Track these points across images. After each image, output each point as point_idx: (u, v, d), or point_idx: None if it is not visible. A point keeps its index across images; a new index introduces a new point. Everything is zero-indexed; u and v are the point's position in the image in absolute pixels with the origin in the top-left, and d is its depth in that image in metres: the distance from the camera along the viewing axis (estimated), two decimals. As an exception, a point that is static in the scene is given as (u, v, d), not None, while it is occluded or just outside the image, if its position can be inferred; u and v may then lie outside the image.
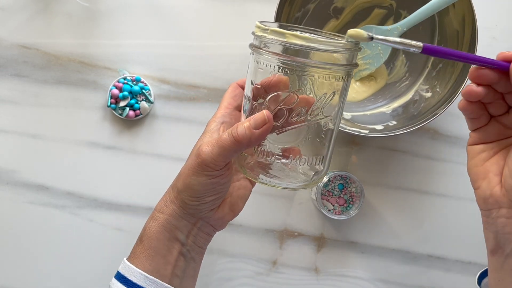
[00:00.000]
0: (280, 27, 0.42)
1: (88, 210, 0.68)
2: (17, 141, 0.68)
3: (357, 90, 0.70)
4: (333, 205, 0.67)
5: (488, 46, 0.70)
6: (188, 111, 0.68)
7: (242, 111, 0.47)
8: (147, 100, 0.67)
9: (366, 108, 0.69)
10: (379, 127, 0.65)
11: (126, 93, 0.65)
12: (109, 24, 0.68)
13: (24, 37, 0.68)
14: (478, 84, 0.40)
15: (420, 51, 0.38)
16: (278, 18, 0.61)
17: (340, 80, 0.43)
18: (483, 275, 0.52)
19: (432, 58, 0.67)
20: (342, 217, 0.66)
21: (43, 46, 0.68)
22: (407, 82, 0.69)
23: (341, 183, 0.67)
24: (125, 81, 0.66)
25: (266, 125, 0.42)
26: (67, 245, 0.68)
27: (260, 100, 0.44)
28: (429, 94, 0.66)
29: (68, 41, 0.68)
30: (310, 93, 0.43)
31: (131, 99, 0.66)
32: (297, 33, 0.41)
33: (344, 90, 0.44)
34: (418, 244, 0.70)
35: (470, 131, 0.44)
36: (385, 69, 0.70)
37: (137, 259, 0.48)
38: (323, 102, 0.42)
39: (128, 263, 0.48)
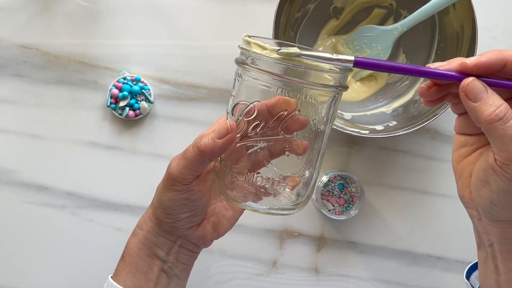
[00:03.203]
0: (278, 44, 0.40)
1: (88, 210, 0.68)
2: (17, 141, 0.68)
3: (357, 90, 0.70)
4: (333, 205, 0.67)
5: (488, 46, 0.70)
6: (188, 111, 0.68)
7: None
8: (147, 100, 0.67)
9: (366, 108, 0.69)
10: (379, 127, 0.65)
11: (126, 93, 0.65)
12: (109, 24, 0.68)
13: (24, 37, 0.68)
14: (434, 84, 0.39)
15: (351, 65, 0.37)
16: (278, 18, 0.61)
17: (323, 101, 0.41)
18: (472, 269, 0.52)
19: (433, 57, 0.67)
20: (342, 217, 0.66)
21: (43, 46, 0.68)
22: (407, 82, 0.69)
23: (341, 183, 0.67)
24: (125, 81, 0.66)
25: (229, 135, 0.40)
26: (67, 245, 0.68)
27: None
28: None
29: (68, 41, 0.68)
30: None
31: (131, 99, 0.66)
32: (267, 45, 0.39)
33: (328, 111, 0.42)
34: (418, 244, 0.70)
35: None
36: (385, 69, 0.70)
37: (119, 275, 0.48)
38: (280, 120, 0.40)
39: (111, 280, 0.48)
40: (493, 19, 0.70)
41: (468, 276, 0.51)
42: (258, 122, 0.41)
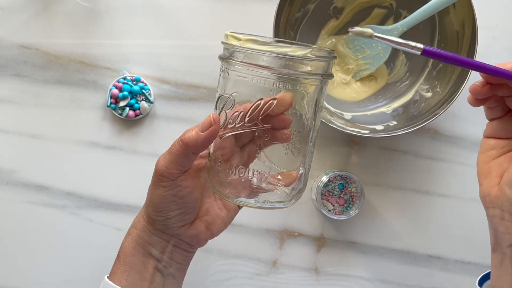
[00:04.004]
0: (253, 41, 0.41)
1: (88, 210, 0.68)
2: (17, 141, 0.68)
3: (357, 90, 0.70)
4: (333, 205, 0.67)
5: (488, 46, 0.70)
6: (188, 111, 0.68)
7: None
8: (147, 100, 0.67)
9: (366, 108, 0.69)
10: (379, 127, 0.65)
11: (126, 93, 0.65)
12: (109, 24, 0.68)
13: (24, 37, 0.68)
14: (487, 83, 0.40)
15: (420, 52, 0.38)
16: (278, 18, 0.61)
17: (307, 90, 0.41)
18: (485, 278, 0.52)
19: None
20: (342, 217, 0.66)
21: (43, 46, 0.68)
22: (407, 82, 0.69)
23: (341, 183, 0.67)
24: (125, 81, 0.66)
25: (212, 127, 0.41)
26: (67, 245, 0.68)
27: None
28: (429, 94, 0.66)
29: (68, 41, 0.68)
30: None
31: (131, 99, 0.66)
32: (254, 37, 0.40)
33: (316, 100, 0.42)
34: (418, 244, 0.70)
35: (487, 121, 0.44)
36: (385, 69, 0.70)
37: (114, 275, 0.48)
38: (257, 110, 0.40)
39: (107, 280, 0.48)
40: (493, 19, 0.70)
41: (480, 284, 0.52)
42: (237, 112, 0.41)
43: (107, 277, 0.49)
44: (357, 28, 0.39)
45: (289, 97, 0.41)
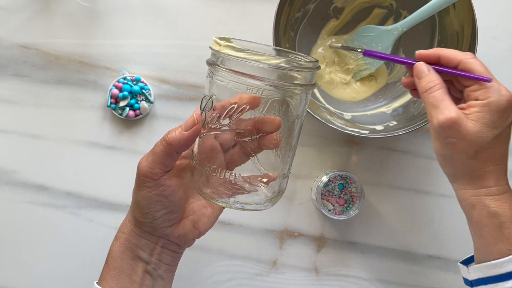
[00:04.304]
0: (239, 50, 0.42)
1: (88, 210, 0.68)
2: (17, 141, 0.68)
3: (357, 90, 0.70)
4: (333, 205, 0.67)
5: (488, 46, 0.70)
6: (188, 111, 0.68)
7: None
8: (147, 100, 0.67)
9: (366, 108, 0.69)
10: (379, 127, 0.65)
11: (126, 93, 0.65)
12: (109, 24, 0.68)
13: (24, 37, 0.68)
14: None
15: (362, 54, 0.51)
16: (278, 18, 0.61)
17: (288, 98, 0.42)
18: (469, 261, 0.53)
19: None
20: (342, 217, 0.66)
21: (43, 46, 0.68)
22: (407, 82, 0.69)
23: (341, 183, 0.67)
24: (125, 81, 0.66)
25: (195, 126, 0.43)
26: (67, 245, 0.68)
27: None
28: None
29: (68, 41, 0.68)
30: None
31: (131, 99, 0.66)
32: (233, 45, 0.41)
33: (298, 109, 0.43)
34: (418, 244, 0.70)
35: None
36: (385, 69, 0.70)
37: (103, 280, 0.48)
38: (231, 113, 0.42)
39: (97, 286, 0.48)
40: (493, 19, 0.70)
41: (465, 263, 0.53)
42: (214, 114, 0.43)
43: (96, 282, 0.49)
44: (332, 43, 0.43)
45: (270, 120, 0.43)
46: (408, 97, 0.68)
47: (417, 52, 0.50)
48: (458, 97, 0.51)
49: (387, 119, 0.66)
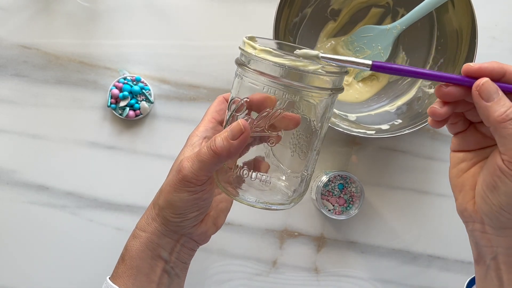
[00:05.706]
0: (277, 45, 0.42)
1: (88, 210, 0.68)
2: (17, 141, 0.68)
3: (360, 91, 0.70)
4: (333, 205, 0.67)
5: (488, 46, 0.70)
6: (188, 111, 0.68)
7: (224, 124, 0.46)
8: (147, 100, 0.67)
9: (370, 108, 0.69)
10: (385, 126, 0.65)
11: (126, 93, 0.65)
12: (109, 24, 0.68)
13: (24, 37, 0.68)
14: (444, 103, 0.40)
15: (369, 69, 0.39)
16: (277, 23, 0.61)
17: (320, 100, 0.43)
18: (472, 282, 0.52)
19: (433, 54, 0.67)
20: (342, 217, 0.66)
21: (43, 46, 0.68)
22: (409, 80, 0.69)
23: (341, 183, 0.67)
24: (125, 81, 0.66)
25: (243, 134, 0.41)
26: (67, 245, 0.68)
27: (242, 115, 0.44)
28: (432, 90, 0.66)
29: (68, 41, 0.68)
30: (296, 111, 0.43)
31: (131, 99, 0.66)
32: (270, 50, 0.41)
33: (324, 112, 0.44)
34: (418, 244, 0.70)
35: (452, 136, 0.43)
36: (385, 68, 0.70)
37: (119, 278, 0.48)
38: (265, 118, 0.42)
39: (110, 283, 0.48)
40: (493, 19, 0.70)
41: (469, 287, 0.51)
42: (246, 118, 0.42)
43: (109, 278, 0.49)
44: (303, 51, 0.41)
45: (297, 119, 0.42)
46: (411, 94, 0.68)
47: (474, 64, 0.39)
48: (472, 121, 0.42)
49: (392, 117, 0.66)
